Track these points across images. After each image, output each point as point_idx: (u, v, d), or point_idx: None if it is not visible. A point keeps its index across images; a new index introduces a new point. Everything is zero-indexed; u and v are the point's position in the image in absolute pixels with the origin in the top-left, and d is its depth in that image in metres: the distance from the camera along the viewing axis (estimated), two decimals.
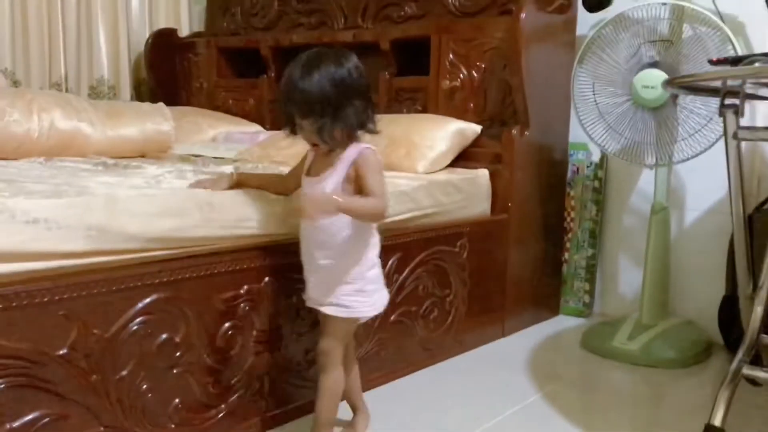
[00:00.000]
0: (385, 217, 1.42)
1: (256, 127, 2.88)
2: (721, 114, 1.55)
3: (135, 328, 1.30)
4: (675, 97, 2.06)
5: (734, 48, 1.99)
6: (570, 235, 2.57)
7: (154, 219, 1.34)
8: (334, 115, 1.33)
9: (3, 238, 1.13)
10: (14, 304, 1.13)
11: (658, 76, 2.03)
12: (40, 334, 1.16)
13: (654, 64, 2.08)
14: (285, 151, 2.41)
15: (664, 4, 2.10)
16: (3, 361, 1.12)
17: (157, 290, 1.33)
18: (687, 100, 2.07)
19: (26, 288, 1.15)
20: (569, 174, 2.56)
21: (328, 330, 1.42)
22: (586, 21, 2.45)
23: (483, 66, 2.42)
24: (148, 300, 1.31)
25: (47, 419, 1.18)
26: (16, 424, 1.14)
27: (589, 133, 2.22)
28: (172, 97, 3.17)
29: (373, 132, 1.43)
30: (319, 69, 1.32)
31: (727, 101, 1.55)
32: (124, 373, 1.29)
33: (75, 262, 1.23)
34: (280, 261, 1.56)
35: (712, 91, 1.69)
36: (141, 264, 1.33)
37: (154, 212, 1.34)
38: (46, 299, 1.17)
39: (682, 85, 1.65)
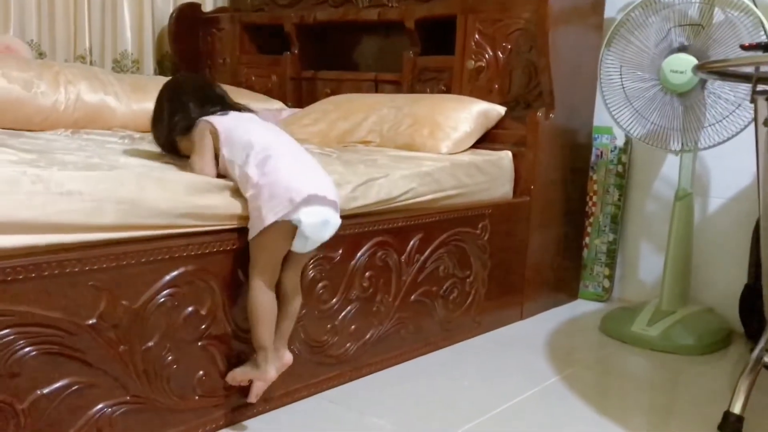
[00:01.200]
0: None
1: (278, 104, 2.88)
2: (753, 100, 1.53)
3: (162, 300, 1.31)
4: (703, 82, 2.04)
5: (766, 33, 1.96)
6: (591, 219, 2.57)
7: (182, 195, 1.35)
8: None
9: (38, 209, 1.15)
10: (46, 273, 1.15)
11: (688, 60, 2.01)
12: (70, 303, 1.18)
13: (683, 49, 2.06)
14: (308, 128, 2.42)
15: None
16: (35, 329, 1.14)
17: (185, 263, 1.34)
18: (715, 86, 2.05)
19: (57, 257, 1.16)
20: (593, 158, 2.54)
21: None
22: (614, 4, 2.43)
23: (509, 47, 2.40)
24: (175, 273, 1.33)
25: (76, 387, 1.20)
26: (46, 390, 1.16)
27: (615, 117, 2.20)
28: (194, 71, 3.17)
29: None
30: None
31: (759, 87, 1.53)
32: (150, 344, 1.30)
33: (105, 235, 1.25)
34: None
35: (744, 77, 1.67)
36: (169, 237, 1.34)
37: (182, 189, 1.35)
38: (76, 269, 1.18)
39: (713, 70, 1.63)
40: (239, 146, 1.45)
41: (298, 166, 1.44)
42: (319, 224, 1.39)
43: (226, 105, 1.59)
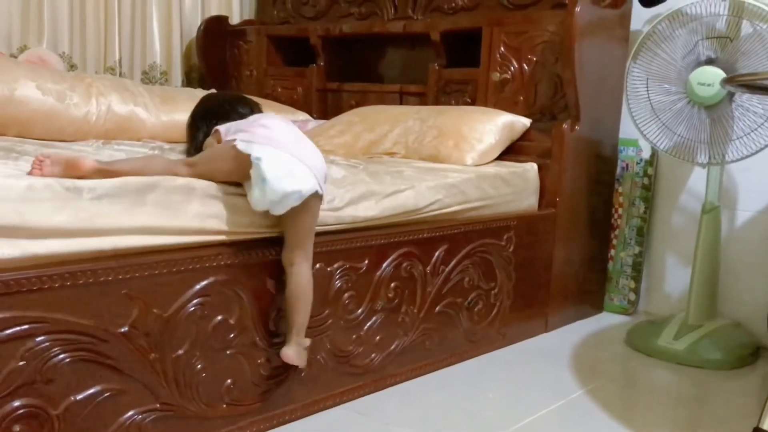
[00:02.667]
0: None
1: (304, 116, 2.91)
2: None
3: (192, 309, 1.33)
4: (731, 95, 2.03)
5: None
6: (617, 231, 2.55)
7: (208, 210, 1.37)
8: None
9: (71, 215, 1.18)
10: (80, 281, 1.17)
11: (715, 73, 2.00)
12: (103, 311, 1.21)
13: (711, 61, 2.05)
14: (334, 140, 2.44)
15: (724, 0, 2.07)
16: (69, 336, 1.17)
17: (215, 273, 1.36)
18: (744, 99, 2.03)
19: (92, 266, 1.19)
20: (618, 170, 2.53)
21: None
22: (640, 16, 2.42)
23: (534, 59, 2.41)
24: (205, 282, 1.35)
25: (108, 394, 1.23)
26: (79, 397, 1.19)
27: (642, 130, 2.20)
28: (222, 84, 3.22)
29: None
30: None
31: None
32: (180, 352, 1.32)
33: (138, 239, 1.27)
34: (330, 248, 1.58)
35: None
36: (200, 247, 1.36)
37: (211, 194, 1.37)
38: (110, 278, 1.21)
39: (742, 83, 1.63)
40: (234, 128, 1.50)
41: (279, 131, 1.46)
42: (280, 172, 1.35)
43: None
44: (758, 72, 1.69)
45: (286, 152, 1.38)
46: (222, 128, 1.53)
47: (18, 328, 1.11)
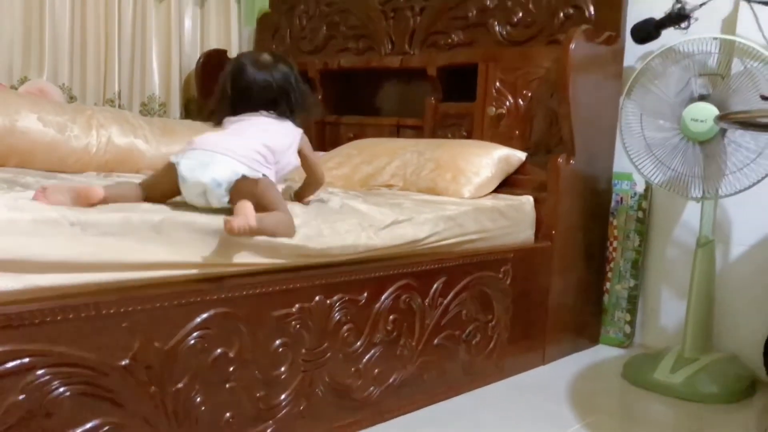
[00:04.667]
0: None
1: None
2: None
3: (192, 342, 1.33)
4: (724, 131, 2.06)
5: None
6: (612, 264, 2.57)
7: (211, 239, 1.38)
8: None
9: (76, 250, 1.19)
10: (83, 314, 1.18)
11: (708, 109, 2.03)
12: (104, 344, 1.21)
13: (703, 98, 2.09)
14: (332, 172, 2.46)
15: (715, 38, 2.11)
16: (69, 369, 1.17)
17: (216, 305, 1.37)
18: (736, 135, 2.07)
19: (94, 300, 1.19)
20: (613, 203, 2.56)
21: None
22: (633, 53, 2.47)
23: (529, 94, 2.45)
24: (205, 315, 1.35)
25: (107, 427, 1.22)
26: (79, 430, 1.18)
27: (636, 164, 2.23)
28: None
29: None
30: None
31: None
32: (180, 385, 1.32)
33: (140, 273, 1.28)
34: (330, 280, 1.59)
35: (765, 127, 1.69)
36: (200, 280, 1.37)
37: (213, 238, 1.39)
38: (112, 311, 1.21)
39: (735, 120, 1.66)
40: None
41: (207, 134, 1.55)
42: (193, 165, 1.44)
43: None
44: (751, 110, 1.73)
45: (200, 149, 1.47)
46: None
47: (19, 362, 1.11)
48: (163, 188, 1.49)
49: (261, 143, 1.53)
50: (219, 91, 1.69)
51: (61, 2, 2.93)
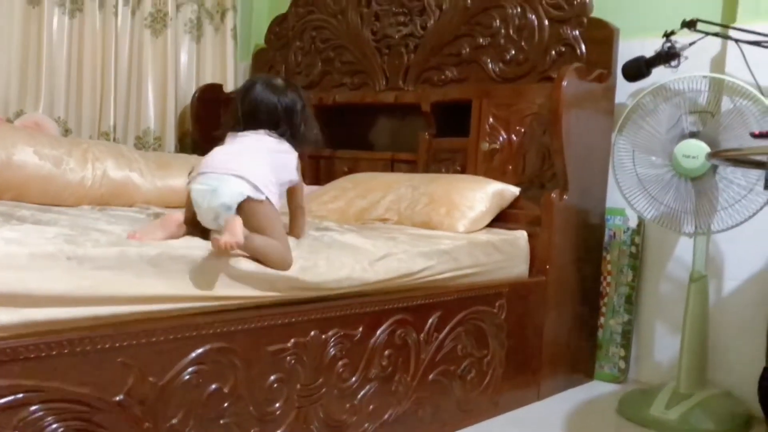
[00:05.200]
0: None
1: None
2: (767, 187, 1.57)
3: (187, 377, 1.33)
4: (715, 167, 2.09)
5: None
6: (606, 299, 2.57)
7: (206, 276, 1.39)
8: None
9: (73, 284, 1.19)
10: (78, 349, 1.17)
11: (699, 146, 2.06)
12: (99, 379, 1.20)
13: (694, 135, 2.12)
14: (327, 206, 2.47)
15: (705, 77, 2.15)
16: (63, 405, 1.16)
17: (211, 340, 1.36)
18: (727, 171, 2.10)
19: (90, 334, 1.19)
20: (606, 238, 2.57)
21: None
22: (624, 90, 2.51)
23: (522, 130, 2.48)
24: (200, 350, 1.35)
25: None
26: None
27: (629, 200, 2.25)
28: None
29: None
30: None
31: None
32: (174, 421, 1.31)
33: (136, 307, 1.28)
34: (325, 315, 1.59)
35: (756, 164, 1.72)
36: (196, 314, 1.37)
37: (207, 271, 1.39)
38: (107, 346, 1.20)
39: (727, 157, 1.68)
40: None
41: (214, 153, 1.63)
42: (204, 191, 1.52)
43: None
44: (743, 147, 1.75)
45: (208, 172, 1.55)
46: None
47: (13, 397, 1.10)
48: (190, 214, 1.57)
49: (266, 164, 1.60)
50: (231, 106, 1.75)
51: (58, 36, 2.96)
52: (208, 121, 3.34)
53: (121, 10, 3.14)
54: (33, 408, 1.12)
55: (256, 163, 1.58)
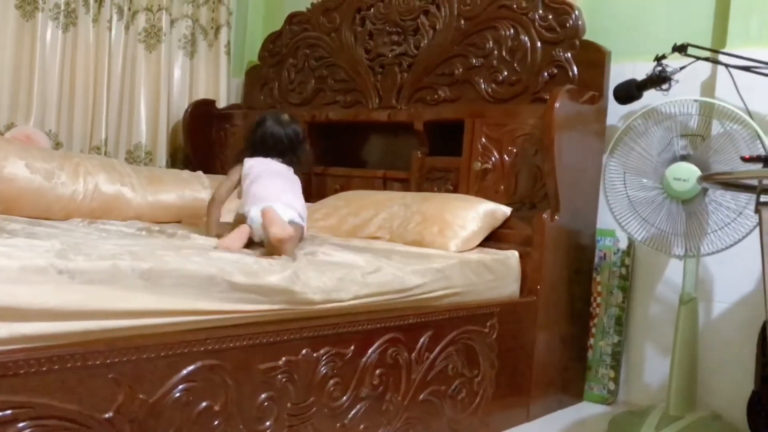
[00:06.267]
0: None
1: None
2: (757, 211, 1.58)
3: (178, 395, 1.31)
4: (705, 190, 2.11)
5: (763, 145, 2.05)
6: (596, 320, 2.58)
7: (201, 291, 1.38)
8: None
9: (63, 298, 1.18)
10: (69, 365, 1.16)
11: (690, 169, 2.08)
12: (89, 396, 1.18)
13: (685, 157, 2.14)
14: (319, 223, 2.47)
15: (696, 100, 2.18)
16: (52, 422, 1.14)
17: (202, 357, 1.35)
18: (717, 194, 2.11)
19: (81, 350, 1.17)
20: (596, 259, 2.58)
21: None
22: (616, 112, 2.53)
23: (514, 150, 2.49)
24: (192, 367, 1.33)
25: None
26: None
27: (619, 221, 2.26)
28: (206, 166, 3.25)
29: None
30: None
31: (763, 198, 1.58)
32: None
33: (126, 322, 1.27)
34: (317, 333, 1.58)
35: (746, 188, 1.74)
36: (187, 331, 1.35)
37: (201, 284, 1.38)
38: (98, 362, 1.19)
39: (718, 181, 1.70)
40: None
41: (262, 189, 1.98)
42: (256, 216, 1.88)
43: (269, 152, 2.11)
44: (733, 171, 1.77)
45: (267, 203, 1.91)
46: (246, 166, 2.07)
47: (1, 414, 1.08)
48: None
49: (299, 199, 2.06)
50: (246, 135, 2.22)
51: (51, 49, 2.96)
52: (200, 136, 3.34)
53: (115, 25, 3.14)
54: (21, 425, 1.10)
55: (298, 195, 2.07)
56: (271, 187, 1.98)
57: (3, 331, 1.12)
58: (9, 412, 1.09)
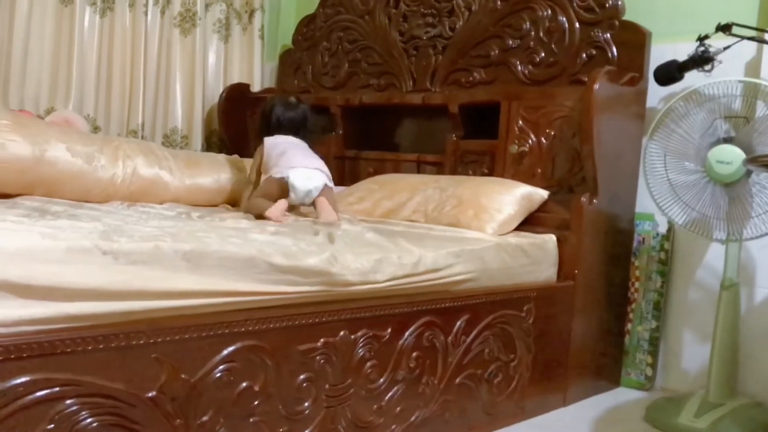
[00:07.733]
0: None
1: None
2: None
3: (218, 375, 1.33)
4: (749, 172, 2.06)
5: None
6: (633, 305, 2.54)
7: (240, 272, 1.39)
8: None
9: (108, 278, 1.19)
10: (113, 345, 1.17)
11: (734, 151, 2.03)
12: (132, 375, 1.20)
13: (729, 140, 2.09)
14: (353, 207, 2.47)
15: (740, 81, 2.12)
16: (98, 400, 1.16)
17: (242, 338, 1.36)
18: (761, 177, 2.06)
19: (124, 330, 1.19)
20: (635, 244, 2.54)
21: None
22: (656, 94, 2.48)
23: (552, 133, 2.46)
24: (232, 348, 1.35)
25: None
26: None
27: (660, 205, 2.22)
28: (241, 149, 3.26)
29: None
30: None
31: None
32: (204, 418, 1.31)
33: (169, 303, 1.29)
34: (354, 315, 1.58)
35: None
36: (229, 312, 1.37)
37: (241, 266, 1.39)
38: (142, 342, 1.21)
39: (764, 163, 1.65)
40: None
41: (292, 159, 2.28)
42: (302, 178, 2.22)
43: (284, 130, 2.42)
44: None
45: (302, 167, 2.25)
46: (267, 144, 2.37)
47: (49, 390, 1.10)
48: (273, 197, 2.21)
49: (324, 164, 2.34)
50: (260, 118, 2.51)
51: (89, 34, 3.00)
52: (235, 120, 3.36)
53: (150, 10, 3.17)
54: (68, 401, 1.12)
55: (322, 162, 2.34)
56: (299, 154, 2.31)
57: (50, 310, 1.14)
58: (57, 389, 1.11)
